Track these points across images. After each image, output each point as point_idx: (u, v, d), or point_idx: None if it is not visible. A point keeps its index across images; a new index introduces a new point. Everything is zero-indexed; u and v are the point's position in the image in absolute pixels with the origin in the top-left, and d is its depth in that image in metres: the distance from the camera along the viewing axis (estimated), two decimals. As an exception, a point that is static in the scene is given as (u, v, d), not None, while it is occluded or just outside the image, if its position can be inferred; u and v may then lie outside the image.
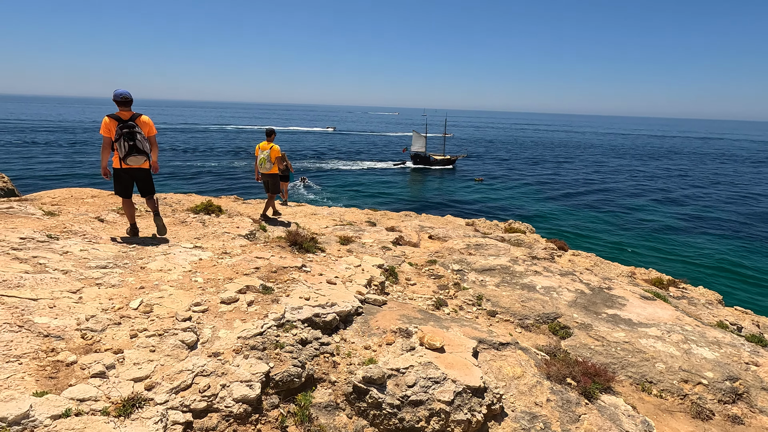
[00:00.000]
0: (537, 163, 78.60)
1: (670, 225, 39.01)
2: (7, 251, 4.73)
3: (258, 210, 13.96)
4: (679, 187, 59.36)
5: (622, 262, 15.29)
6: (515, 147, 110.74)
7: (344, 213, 15.15)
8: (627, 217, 41.47)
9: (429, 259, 8.51)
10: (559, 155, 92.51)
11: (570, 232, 35.67)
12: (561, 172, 68.85)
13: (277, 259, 5.93)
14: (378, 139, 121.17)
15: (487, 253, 9.36)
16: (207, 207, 11.70)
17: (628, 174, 69.40)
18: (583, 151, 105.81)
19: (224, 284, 4.71)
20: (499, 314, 6.05)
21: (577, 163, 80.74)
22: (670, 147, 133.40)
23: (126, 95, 5.95)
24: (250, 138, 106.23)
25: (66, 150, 70.92)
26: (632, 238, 34.94)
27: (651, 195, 52.86)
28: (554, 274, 7.56)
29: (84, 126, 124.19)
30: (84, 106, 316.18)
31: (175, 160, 65.71)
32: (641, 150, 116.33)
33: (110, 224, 7.22)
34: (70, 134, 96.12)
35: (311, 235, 7.56)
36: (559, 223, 38.12)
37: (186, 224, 7.79)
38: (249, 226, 8.18)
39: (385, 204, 42.24)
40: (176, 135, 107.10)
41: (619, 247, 32.61)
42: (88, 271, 4.58)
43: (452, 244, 10.33)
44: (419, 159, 69.42)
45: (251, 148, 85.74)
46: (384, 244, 9.38)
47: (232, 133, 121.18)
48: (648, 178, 65.65)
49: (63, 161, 59.93)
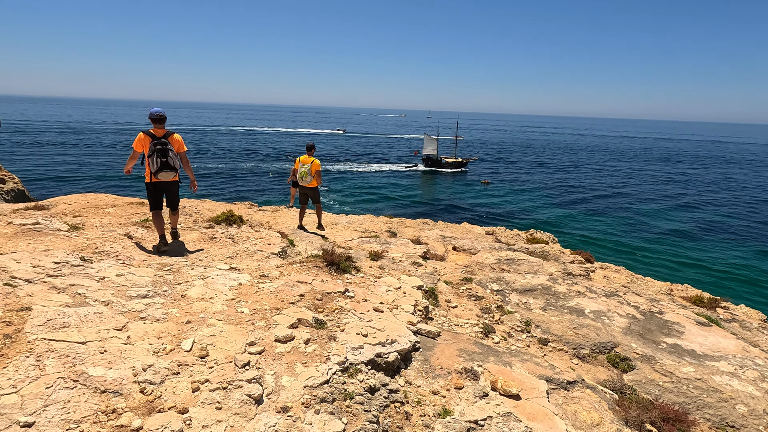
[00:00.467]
0: (543, 165, 77.98)
1: (678, 229, 38.52)
2: (43, 279, 4.45)
3: (275, 218, 13.69)
4: (689, 190, 58.73)
5: (633, 267, 14.88)
6: (521, 149, 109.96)
7: (363, 222, 14.86)
8: (635, 220, 40.93)
9: (463, 277, 8.18)
10: (566, 158, 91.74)
11: (580, 236, 35.24)
12: (568, 175, 68.20)
13: (319, 284, 5.63)
14: (389, 142, 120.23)
15: (522, 269, 9.02)
16: (228, 218, 11.43)
17: (636, 177, 68.75)
18: (590, 154, 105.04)
19: (273, 316, 4.41)
20: (551, 342, 5.71)
21: (585, 166, 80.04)
22: (678, 150, 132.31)
23: (161, 113, 6.30)
24: (257, 140, 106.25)
25: (75, 151, 71.07)
26: (641, 242, 34.44)
27: (661, 199, 52.28)
28: (599, 295, 7.21)
29: (92, 127, 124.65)
30: (92, 108, 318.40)
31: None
32: (648, 153, 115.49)
33: (140, 241, 6.93)
34: (79, 135, 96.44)
35: (346, 253, 7.25)
36: (570, 229, 37.64)
37: (216, 241, 7.50)
38: (279, 242, 7.88)
39: (397, 208, 41.85)
40: (183, 137, 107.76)
41: (629, 252, 32.14)
42: (130, 303, 4.29)
43: (481, 258, 10.00)
44: (431, 162, 68.88)
45: (258, 150, 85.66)
46: (413, 259, 9.07)
47: (240, 134, 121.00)
48: (657, 182, 65.01)
49: (72, 162, 60.01)
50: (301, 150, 63.73)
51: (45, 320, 3.45)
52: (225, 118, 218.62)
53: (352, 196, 46.69)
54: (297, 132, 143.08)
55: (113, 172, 53.42)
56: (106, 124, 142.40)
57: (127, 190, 41.34)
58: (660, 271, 27.40)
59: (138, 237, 7.17)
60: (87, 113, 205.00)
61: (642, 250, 32.42)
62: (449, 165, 68.27)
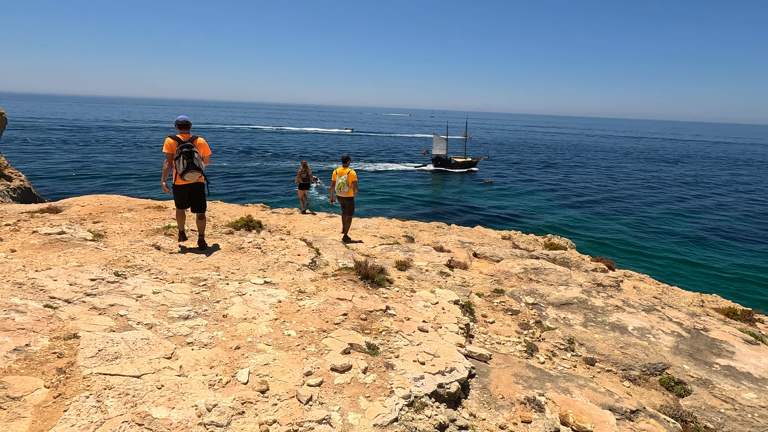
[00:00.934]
0: (550, 165, 77.33)
1: (689, 232, 38.21)
2: (82, 299, 4.26)
3: (291, 223, 13.50)
4: (693, 193, 58.29)
5: (651, 274, 14.61)
6: (527, 149, 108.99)
7: (379, 226, 14.66)
8: (645, 223, 40.57)
9: (494, 288, 7.98)
10: (572, 158, 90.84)
11: (591, 238, 34.94)
12: (576, 176, 67.51)
13: (359, 300, 5.42)
14: (397, 141, 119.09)
15: (551, 279, 8.81)
16: (247, 223, 11.25)
17: (643, 178, 68.15)
18: (594, 154, 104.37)
19: (321, 339, 4.20)
20: (598, 363, 5.50)
21: (589, 166, 79.44)
22: (683, 151, 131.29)
23: (187, 120, 6.76)
24: (262, 139, 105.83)
25: (81, 149, 70.92)
26: (652, 245, 34.14)
27: (665, 200, 51.86)
28: (637, 310, 6.99)
29: (99, 124, 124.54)
30: (97, 106, 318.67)
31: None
32: (653, 153, 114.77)
33: (167, 253, 6.73)
34: (84, 133, 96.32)
35: (376, 263, 7.03)
36: (581, 230, 37.21)
37: (244, 251, 7.29)
38: (307, 252, 7.67)
39: (408, 210, 41.39)
40: None
41: (642, 255, 31.84)
42: (173, 325, 4.09)
43: (506, 267, 9.79)
44: (440, 162, 68.27)
45: (262, 148, 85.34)
46: (440, 268, 8.87)
47: (245, 133, 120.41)
48: (661, 184, 64.53)
49: (78, 160, 59.87)
50: (305, 148, 63.76)
51: (96, 350, 3.24)
52: (229, 117, 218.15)
53: (364, 196, 46.40)
54: (303, 131, 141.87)
55: (118, 169, 53.31)
56: (110, 121, 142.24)
57: (134, 190, 41.10)
58: (681, 279, 26.96)
59: (166, 247, 6.97)
60: (92, 111, 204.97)
61: (655, 254, 32.04)
62: (458, 165, 67.48)
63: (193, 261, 6.45)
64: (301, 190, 16.50)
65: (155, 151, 72.01)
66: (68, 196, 37.67)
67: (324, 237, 10.37)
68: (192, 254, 6.85)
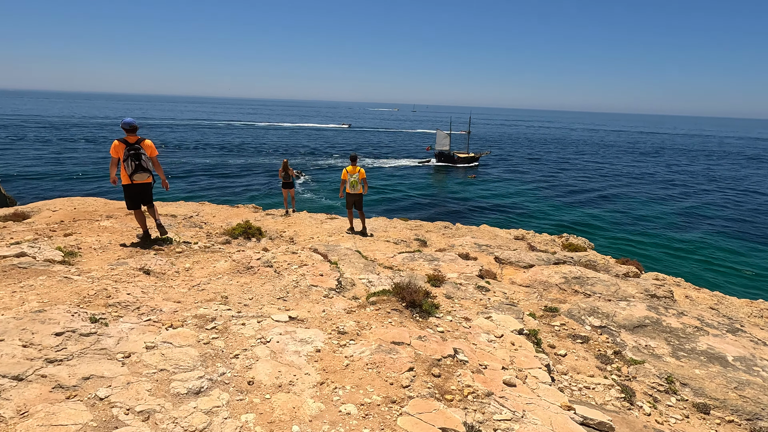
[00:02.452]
0: (547, 160, 75.59)
1: (674, 222, 37.96)
2: (41, 373, 2.84)
3: (290, 227, 12.12)
4: (686, 183, 58.23)
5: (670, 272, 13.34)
6: (518, 144, 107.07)
7: (386, 228, 13.37)
8: (649, 219, 39.04)
9: (544, 305, 6.80)
10: (567, 153, 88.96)
11: (590, 232, 33.85)
12: (567, 171, 66.37)
13: (418, 343, 4.11)
14: (395, 136, 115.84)
15: (599, 291, 7.70)
16: (246, 230, 9.81)
17: (641, 172, 67.39)
18: (579, 147, 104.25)
19: (394, 418, 2.90)
20: (713, 410, 4.35)
21: (579, 160, 78.68)
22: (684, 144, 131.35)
23: (133, 123, 6.75)
24: (250, 135, 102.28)
25: (54, 147, 67.02)
26: (636, 235, 33.54)
27: (654, 191, 51.70)
28: (721, 331, 5.90)
29: (74, 121, 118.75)
30: (70, 102, 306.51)
31: (171, 156, 62.63)
32: (637, 147, 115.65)
33: (159, 278, 5.29)
34: (57, 130, 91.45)
35: (423, 287, 5.73)
36: (584, 225, 36.11)
37: (253, 272, 5.88)
38: (327, 269, 6.31)
39: (412, 208, 39.25)
40: (161, 132, 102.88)
41: (655, 251, 30.50)
42: (182, 410, 2.72)
43: (542, 275, 8.66)
44: (443, 157, 67.22)
45: (243, 144, 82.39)
46: (473, 281, 7.66)
47: (229, 129, 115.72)
48: (647, 174, 64.54)
49: (50, 158, 56.36)
50: (307, 143, 61.67)
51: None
52: (210, 113, 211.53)
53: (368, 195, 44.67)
54: (300, 127, 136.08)
55: (94, 169, 50.38)
56: (85, 118, 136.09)
57: (111, 193, 38.53)
58: (699, 276, 25.85)
59: (157, 270, 5.52)
60: (65, 107, 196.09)
61: (672, 252, 30.89)
62: (461, 160, 66.29)
63: (194, 289, 5.02)
64: (285, 189, 15.03)
65: None
66: (41, 198, 35.09)
67: (335, 246, 9.01)
68: (189, 277, 5.43)
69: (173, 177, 46.58)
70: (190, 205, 16.90)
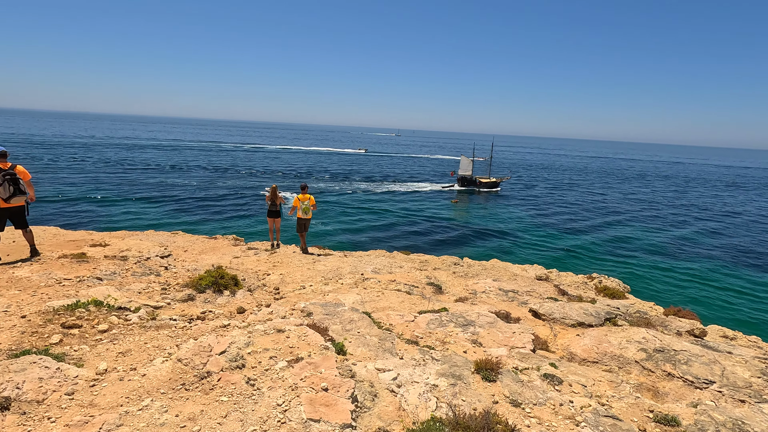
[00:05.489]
0: (558, 187, 70.96)
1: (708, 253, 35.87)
2: None
3: (275, 267, 9.68)
4: (689, 211, 55.74)
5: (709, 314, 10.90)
6: (524, 170, 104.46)
7: (391, 268, 10.95)
8: (672, 248, 35.42)
9: (650, 410, 4.47)
10: (577, 180, 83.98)
11: (623, 272, 29.09)
12: (584, 197, 61.78)
13: None
14: (413, 161, 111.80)
15: (698, 373, 5.44)
16: (216, 280, 7.32)
17: (661, 200, 63.42)
18: (591, 175, 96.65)
19: None
20: None
21: (599, 189, 72.61)
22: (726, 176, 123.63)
23: (4, 150, 7.14)
24: (270, 158, 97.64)
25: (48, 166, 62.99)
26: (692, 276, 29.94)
27: (692, 221, 47.81)
28: None
29: (62, 141, 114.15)
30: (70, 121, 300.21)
31: (160, 176, 59.14)
32: (661, 175, 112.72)
33: (27, 416, 2.79)
34: (45, 149, 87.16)
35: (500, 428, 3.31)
36: (604, 260, 31.77)
37: (210, 385, 3.38)
38: (333, 369, 3.86)
39: (411, 236, 35.70)
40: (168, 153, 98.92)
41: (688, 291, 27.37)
42: None
43: (608, 345, 6.47)
44: (466, 182, 67.25)
45: (231, 166, 79.21)
46: (534, 363, 5.38)
47: (221, 152, 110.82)
48: (689, 207, 58.32)
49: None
50: (326, 167, 58.49)
51: None
52: (198, 134, 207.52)
53: (366, 215, 41.58)
54: (314, 151, 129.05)
55: (74, 189, 46.87)
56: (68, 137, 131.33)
57: (93, 218, 34.86)
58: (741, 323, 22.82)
59: (30, 394, 3.01)
60: (49, 127, 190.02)
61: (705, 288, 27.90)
62: (483, 185, 66.36)
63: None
64: (271, 219, 12.62)
65: (142, 170, 64.80)
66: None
67: (335, 305, 6.53)
68: (89, 405, 2.94)
69: (159, 200, 43.32)
70: (160, 236, 14.20)
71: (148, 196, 44.85)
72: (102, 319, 4.68)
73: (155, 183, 53.43)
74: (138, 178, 56.88)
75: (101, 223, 32.48)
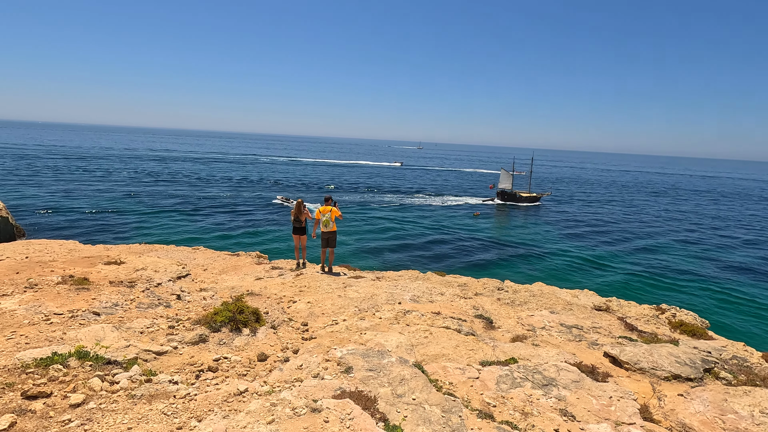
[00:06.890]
0: (597, 203, 68.00)
1: None
2: None
3: (302, 292, 8.39)
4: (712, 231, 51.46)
5: None
6: (568, 184, 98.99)
7: (431, 294, 9.51)
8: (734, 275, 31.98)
9: None
10: (612, 195, 79.78)
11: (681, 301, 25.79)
12: (624, 215, 57.77)
13: None
14: (449, 175, 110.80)
15: None
16: (234, 315, 6.06)
17: (718, 220, 58.58)
18: (633, 191, 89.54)
19: None
20: None
21: (641, 206, 67.92)
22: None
23: None
24: (312, 171, 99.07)
25: (67, 178, 64.65)
26: None
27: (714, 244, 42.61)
28: None
29: (94, 153, 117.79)
30: (92, 134, 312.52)
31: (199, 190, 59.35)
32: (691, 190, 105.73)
33: None
34: (79, 162, 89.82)
35: None
36: (655, 286, 28.73)
37: None
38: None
39: (451, 254, 33.92)
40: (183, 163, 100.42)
41: None
42: None
43: (739, 419, 4.83)
44: (506, 195, 66.91)
45: (318, 182, 78.24)
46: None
47: (248, 164, 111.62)
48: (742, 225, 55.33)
49: (65, 191, 53.69)
50: (364, 180, 57.03)
51: None
52: (224, 146, 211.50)
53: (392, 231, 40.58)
54: (350, 164, 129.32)
55: (107, 200, 47.42)
56: (107, 149, 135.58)
57: (110, 232, 34.57)
58: None
59: None
60: (89, 140, 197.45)
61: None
62: (524, 199, 65.67)
63: None
64: (297, 236, 11.40)
65: (169, 182, 65.40)
66: (44, 232, 31.68)
67: (377, 353, 5.16)
68: None
69: (191, 213, 43.09)
70: (180, 252, 13.18)
71: (182, 209, 44.96)
72: (80, 382, 3.46)
73: (188, 194, 53.79)
74: (171, 190, 57.52)
75: (129, 234, 32.30)
